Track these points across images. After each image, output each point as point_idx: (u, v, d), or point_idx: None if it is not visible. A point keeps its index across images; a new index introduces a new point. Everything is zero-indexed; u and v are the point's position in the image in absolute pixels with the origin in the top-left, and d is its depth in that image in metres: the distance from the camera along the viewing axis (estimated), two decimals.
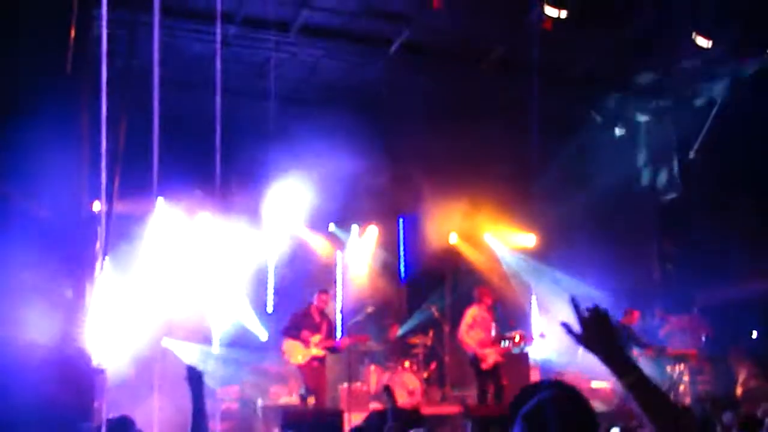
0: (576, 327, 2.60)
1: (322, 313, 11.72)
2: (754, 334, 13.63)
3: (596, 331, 2.56)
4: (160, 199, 13.19)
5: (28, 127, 6.55)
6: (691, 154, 15.02)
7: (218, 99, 10.49)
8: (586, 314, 2.58)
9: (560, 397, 2.46)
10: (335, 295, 12.06)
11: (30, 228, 5.98)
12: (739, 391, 12.68)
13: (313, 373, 11.30)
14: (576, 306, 2.62)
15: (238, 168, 12.82)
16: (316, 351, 11.29)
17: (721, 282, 13.82)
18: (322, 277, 14.95)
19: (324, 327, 11.56)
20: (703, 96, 14.86)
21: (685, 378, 12.46)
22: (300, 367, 11.33)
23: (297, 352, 11.27)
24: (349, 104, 14.35)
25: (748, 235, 12.21)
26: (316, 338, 11.33)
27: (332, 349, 11.67)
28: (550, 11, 11.20)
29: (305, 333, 11.34)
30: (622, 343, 2.59)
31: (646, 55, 13.15)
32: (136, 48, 9.98)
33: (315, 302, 11.77)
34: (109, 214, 7.86)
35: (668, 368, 12.48)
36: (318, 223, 15.37)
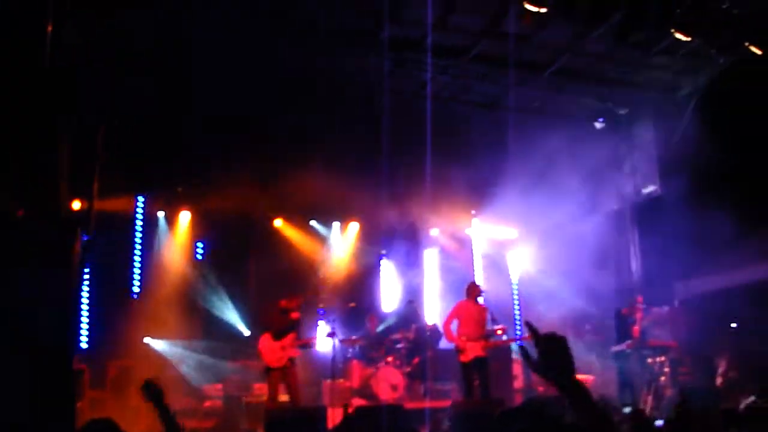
0: (532, 352, 2.61)
1: (291, 314, 11.58)
2: (734, 326, 13.73)
3: (552, 361, 2.57)
4: None
5: (8, 126, 6.49)
6: (671, 147, 15.10)
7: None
8: (542, 341, 2.59)
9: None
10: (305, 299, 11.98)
11: (12, 232, 5.94)
12: (719, 381, 12.79)
13: (287, 374, 11.16)
14: (532, 330, 2.61)
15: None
16: (291, 351, 11.21)
17: (701, 274, 13.92)
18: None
19: (295, 328, 11.51)
20: (683, 89, 14.94)
21: (666, 369, 12.54)
22: (276, 368, 11.14)
23: (273, 354, 11.12)
24: None
25: (728, 227, 12.29)
26: (290, 338, 11.24)
27: (304, 346, 11.68)
28: (530, 7, 11.23)
29: (281, 331, 11.25)
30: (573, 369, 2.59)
31: (625, 48, 13.17)
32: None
33: (284, 303, 11.65)
34: (89, 213, 7.78)
35: (649, 360, 12.55)
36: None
